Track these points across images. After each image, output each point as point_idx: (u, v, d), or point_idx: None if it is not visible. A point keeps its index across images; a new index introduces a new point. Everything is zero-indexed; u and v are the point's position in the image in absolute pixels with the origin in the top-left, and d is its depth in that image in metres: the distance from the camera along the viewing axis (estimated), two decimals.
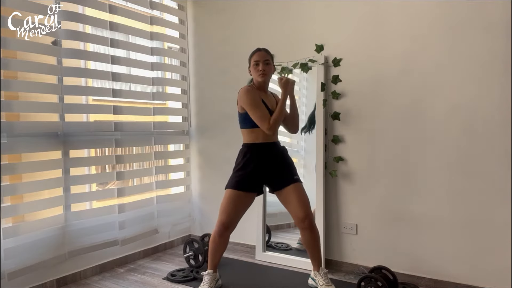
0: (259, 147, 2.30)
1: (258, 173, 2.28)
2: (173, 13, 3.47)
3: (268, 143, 2.31)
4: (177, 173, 3.62)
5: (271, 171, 2.30)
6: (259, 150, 2.30)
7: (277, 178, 2.31)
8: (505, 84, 2.20)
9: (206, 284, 2.34)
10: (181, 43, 3.51)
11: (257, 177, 2.29)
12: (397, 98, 2.54)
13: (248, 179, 2.28)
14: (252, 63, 2.32)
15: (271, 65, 2.33)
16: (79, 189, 2.74)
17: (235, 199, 2.27)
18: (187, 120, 3.56)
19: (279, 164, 2.32)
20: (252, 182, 2.29)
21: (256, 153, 2.30)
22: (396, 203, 2.58)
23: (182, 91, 3.54)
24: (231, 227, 2.31)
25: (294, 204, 2.26)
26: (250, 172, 2.28)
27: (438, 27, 2.38)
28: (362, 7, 2.64)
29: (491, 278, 2.27)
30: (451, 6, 2.31)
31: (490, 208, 2.28)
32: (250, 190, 2.30)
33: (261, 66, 2.27)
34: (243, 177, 2.28)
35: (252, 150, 2.30)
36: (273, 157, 2.31)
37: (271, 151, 2.32)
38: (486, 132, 2.27)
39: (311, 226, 2.26)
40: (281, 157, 2.35)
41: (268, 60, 2.30)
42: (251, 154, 2.29)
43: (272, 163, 2.31)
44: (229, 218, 2.28)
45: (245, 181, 2.27)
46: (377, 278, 2.21)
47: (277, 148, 2.36)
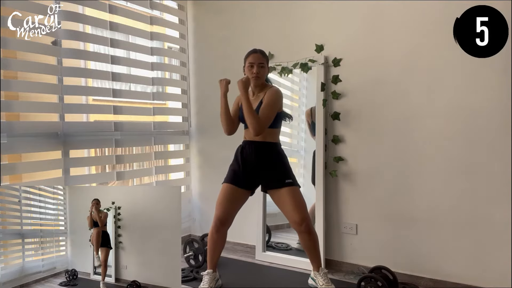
0: (244, 144, 2.35)
1: (246, 171, 2.31)
2: (173, 13, 3.47)
3: (255, 141, 2.30)
4: (177, 173, 3.62)
5: (258, 170, 2.30)
6: (243, 148, 2.34)
7: (266, 178, 2.31)
8: (505, 84, 2.20)
9: (206, 284, 2.34)
10: (181, 43, 3.51)
11: (247, 174, 2.31)
12: (397, 98, 2.54)
13: (239, 175, 2.31)
14: (246, 64, 2.32)
15: (265, 68, 2.32)
16: None
17: (229, 193, 2.30)
18: (187, 120, 3.56)
19: (267, 165, 2.30)
20: (243, 179, 2.31)
21: (243, 151, 2.33)
22: (396, 203, 2.58)
23: (182, 91, 3.54)
24: (227, 222, 2.33)
25: (289, 208, 2.24)
26: (239, 168, 2.31)
27: (438, 26, 2.38)
28: (362, 7, 2.64)
29: (491, 278, 2.27)
30: (451, 6, 2.31)
31: (490, 208, 2.28)
32: (242, 187, 2.32)
33: (255, 69, 2.27)
34: (234, 172, 2.32)
35: (242, 148, 2.36)
36: (259, 156, 2.30)
37: (257, 150, 2.30)
38: (486, 132, 2.27)
39: (308, 230, 2.24)
40: (269, 158, 2.31)
41: (262, 63, 2.29)
42: (240, 151, 2.35)
43: (260, 162, 2.29)
44: (225, 212, 2.30)
45: (237, 176, 2.31)
46: (377, 278, 2.21)
47: (264, 148, 2.31)
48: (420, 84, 2.46)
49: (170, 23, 3.48)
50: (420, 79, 2.46)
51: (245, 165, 2.31)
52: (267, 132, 2.27)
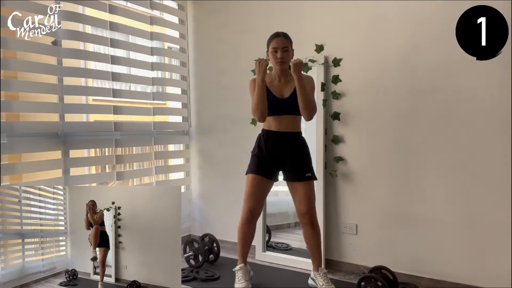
0: (269, 134, 2.31)
1: (273, 161, 2.29)
2: (173, 13, 3.47)
3: (279, 132, 2.29)
4: (177, 173, 3.62)
5: (285, 160, 2.29)
6: (268, 138, 2.30)
7: (290, 169, 2.31)
8: (505, 84, 2.20)
9: (242, 280, 2.34)
10: (181, 43, 3.51)
11: (273, 164, 2.30)
12: (397, 97, 2.54)
13: (265, 165, 2.29)
14: (270, 49, 2.25)
15: (289, 51, 2.26)
16: None
17: (258, 183, 2.30)
18: (187, 120, 3.56)
19: (292, 156, 2.29)
20: (269, 169, 2.30)
21: (265, 141, 2.30)
22: (396, 203, 2.58)
23: (182, 91, 3.54)
24: (258, 213, 2.35)
25: (299, 199, 2.28)
26: (265, 158, 2.29)
27: (438, 26, 2.38)
28: (363, 7, 2.64)
29: (491, 278, 2.27)
30: (451, 6, 2.31)
31: (490, 208, 2.28)
32: (268, 177, 2.31)
33: (280, 54, 2.21)
34: (260, 162, 2.30)
35: (265, 137, 2.32)
36: (284, 146, 2.29)
37: (281, 140, 2.29)
38: (487, 132, 2.27)
39: (311, 222, 2.27)
40: (295, 149, 2.31)
41: (287, 47, 2.24)
42: (265, 141, 2.31)
43: (286, 152, 2.29)
44: (256, 203, 2.31)
45: (263, 167, 2.29)
46: (377, 278, 2.21)
47: (291, 138, 2.30)
48: (420, 84, 2.46)
49: (170, 23, 3.48)
50: (420, 79, 2.46)
51: (272, 155, 2.29)
52: (294, 120, 2.28)
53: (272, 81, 2.32)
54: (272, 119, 2.29)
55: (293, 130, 2.31)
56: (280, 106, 2.27)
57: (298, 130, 2.34)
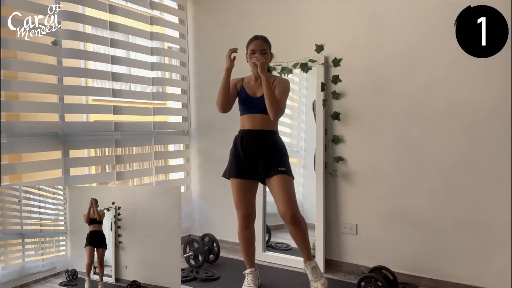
0: (243, 133, 2.33)
1: (249, 161, 2.28)
2: (173, 13, 3.47)
3: (253, 130, 2.30)
4: (177, 173, 3.62)
5: (259, 159, 2.27)
6: (242, 137, 2.32)
7: (263, 167, 2.28)
8: (505, 84, 2.20)
9: (251, 283, 2.36)
10: (181, 43, 3.51)
11: (249, 164, 2.29)
12: (397, 97, 2.54)
13: (241, 166, 2.29)
14: (249, 51, 2.30)
15: (268, 54, 2.29)
16: None
17: (242, 187, 2.31)
18: (187, 120, 3.56)
19: (265, 152, 2.27)
20: (247, 169, 2.29)
21: (240, 140, 2.32)
22: (396, 202, 2.58)
23: (182, 91, 3.54)
24: (252, 216, 2.38)
25: (277, 197, 2.24)
26: (241, 159, 2.29)
27: (438, 26, 2.38)
28: (363, 7, 2.64)
29: (491, 278, 2.27)
30: (451, 6, 2.31)
31: (490, 208, 2.28)
32: (249, 178, 2.31)
33: (257, 56, 2.24)
34: (237, 164, 2.31)
35: (240, 136, 2.34)
36: (257, 144, 2.28)
37: (255, 139, 2.28)
38: (486, 132, 2.27)
39: (293, 221, 2.22)
40: (268, 146, 2.29)
41: (265, 49, 2.27)
42: (240, 141, 2.32)
43: (260, 151, 2.27)
44: (247, 208, 2.34)
45: (241, 168, 2.29)
46: (377, 278, 2.21)
47: (264, 136, 2.30)
48: (420, 84, 2.46)
49: (170, 23, 3.48)
50: (420, 79, 2.46)
51: (247, 154, 2.29)
52: (268, 119, 2.27)
53: (249, 82, 2.37)
54: (246, 117, 2.33)
55: (267, 129, 2.31)
56: (253, 105, 2.30)
57: (272, 128, 2.33)
